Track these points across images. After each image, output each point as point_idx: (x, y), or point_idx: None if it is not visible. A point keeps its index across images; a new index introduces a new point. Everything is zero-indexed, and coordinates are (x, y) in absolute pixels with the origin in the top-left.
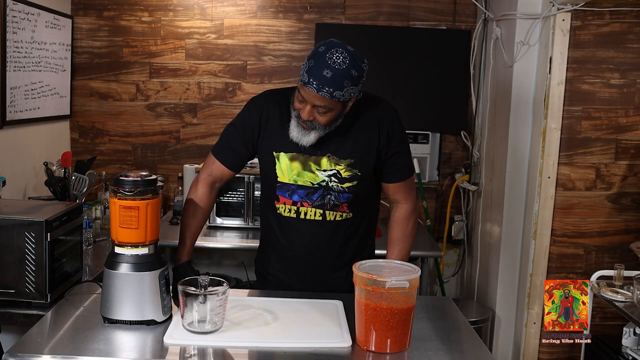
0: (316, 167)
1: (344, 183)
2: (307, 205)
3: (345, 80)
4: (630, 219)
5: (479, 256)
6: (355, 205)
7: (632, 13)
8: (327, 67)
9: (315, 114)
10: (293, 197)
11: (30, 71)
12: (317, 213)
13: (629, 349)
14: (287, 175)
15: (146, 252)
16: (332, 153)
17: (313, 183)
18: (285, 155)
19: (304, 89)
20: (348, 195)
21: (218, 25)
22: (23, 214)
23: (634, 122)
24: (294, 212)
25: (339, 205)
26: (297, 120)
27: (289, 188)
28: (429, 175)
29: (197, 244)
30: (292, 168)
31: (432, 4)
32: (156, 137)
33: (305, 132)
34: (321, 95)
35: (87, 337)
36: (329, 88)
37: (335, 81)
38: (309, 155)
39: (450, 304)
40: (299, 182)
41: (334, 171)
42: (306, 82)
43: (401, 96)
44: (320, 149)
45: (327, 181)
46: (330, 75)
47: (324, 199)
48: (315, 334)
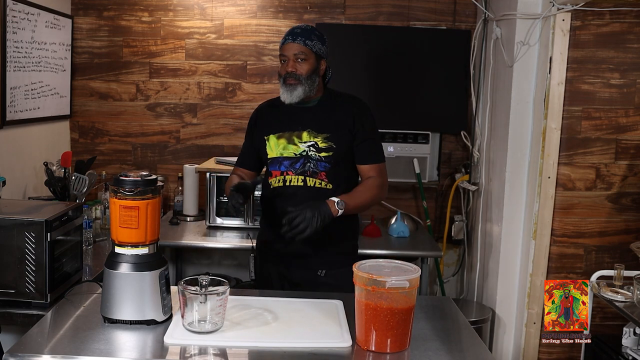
0: (298, 140)
1: (320, 152)
2: (291, 174)
3: (312, 35)
4: (630, 219)
5: (479, 256)
6: (333, 176)
7: (632, 13)
8: (296, 28)
9: (297, 65)
10: (280, 167)
11: (30, 71)
12: (299, 179)
13: (629, 349)
14: (275, 150)
15: (146, 252)
16: (311, 128)
17: (296, 153)
18: (273, 136)
19: (284, 47)
20: (325, 164)
21: (218, 25)
22: (23, 214)
23: (634, 122)
24: (281, 181)
25: (318, 173)
26: (285, 82)
27: (277, 161)
28: (429, 175)
29: (197, 244)
30: (279, 144)
31: (432, 4)
32: (156, 137)
33: (293, 88)
34: (297, 42)
35: (87, 337)
36: (301, 37)
37: (304, 33)
38: (292, 131)
39: (450, 304)
40: (284, 154)
41: (313, 142)
42: (284, 41)
43: (401, 96)
44: (301, 125)
45: (307, 151)
46: (300, 31)
47: (304, 166)
48: (315, 334)
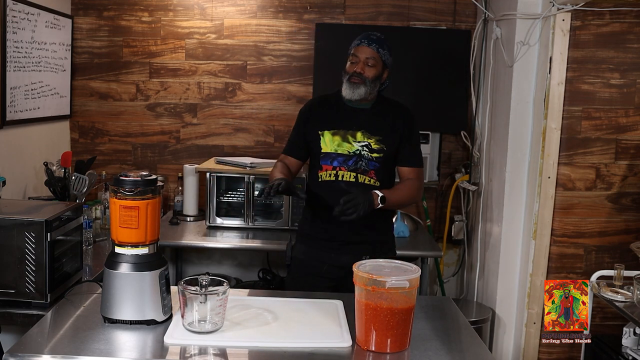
0: (353, 139)
1: (373, 153)
2: (344, 170)
3: (384, 44)
4: (630, 219)
5: (479, 256)
6: (381, 175)
7: (632, 13)
8: (372, 34)
9: (365, 67)
10: (333, 163)
11: (30, 71)
12: (351, 175)
13: (629, 349)
14: (330, 146)
15: (146, 252)
16: (366, 129)
17: (350, 152)
18: (328, 132)
19: (357, 48)
20: (375, 164)
21: (218, 25)
22: (23, 214)
23: (634, 122)
24: (333, 175)
25: (368, 171)
26: (349, 80)
27: (330, 156)
28: (429, 175)
29: (197, 244)
30: (334, 140)
31: (432, 4)
32: (156, 137)
33: (356, 87)
34: (371, 48)
35: (87, 337)
36: (375, 44)
37: (379, 41)
38: (347, 130)
39: (450, 304)
40: (338, 151)
41: (366, 143)
42: (359, 42)
43: (401, 96)
44: (356, 125)
45: (360, 150)
46: (375, 38)
47: (357, 164)
48: (315, 333)
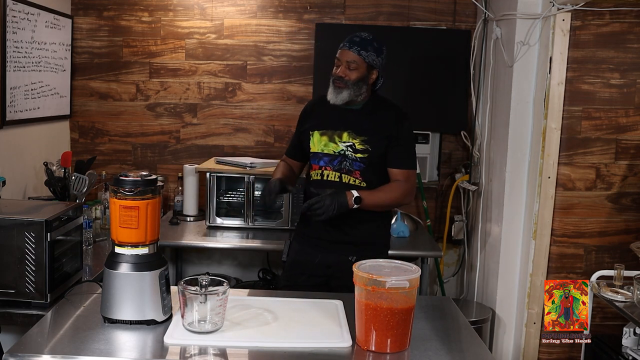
0: (339, 139)
1: (357, 153)
2: (329, 169)
3: (369, 46)
4: (630, 219)
5: (479, 256)
6: (368, 176)
7: (632, 13)
8: (355, 36)
9: (347, 70)
10: (320, 162)
11: (30, 71)
12: (335, 175)
13: (629, 349)
14: (318, 146)
15: (146, 252)
16: (353, 130)
17: (335, 151)
18: (317, 132)
19: (340, 52)
20: (360, 164)
21: (218, 25)
22: (23, 214)
23: (634, 122)
24: (319, 175)
25: (353, 171)
26: (334, 84)
27: (317, 156)
28: (429, 175)
29: (196, 244)
30: (322, 140)
31: (432, 4)
32: (156, 137)
33: (339, 91)
34: (352, 51)
35: (87, 337)
36: (356, 47)
37: (362, 43)
38: (335, 130)
39: (450, 304)
40: (325, 151)
41: (351, 143)
42: (342, 45)
43: (401, 96)
44: (343, 126)
45: (345, 150)
46: (359, 40)
47: (341, 164)
48: (315, 333)
